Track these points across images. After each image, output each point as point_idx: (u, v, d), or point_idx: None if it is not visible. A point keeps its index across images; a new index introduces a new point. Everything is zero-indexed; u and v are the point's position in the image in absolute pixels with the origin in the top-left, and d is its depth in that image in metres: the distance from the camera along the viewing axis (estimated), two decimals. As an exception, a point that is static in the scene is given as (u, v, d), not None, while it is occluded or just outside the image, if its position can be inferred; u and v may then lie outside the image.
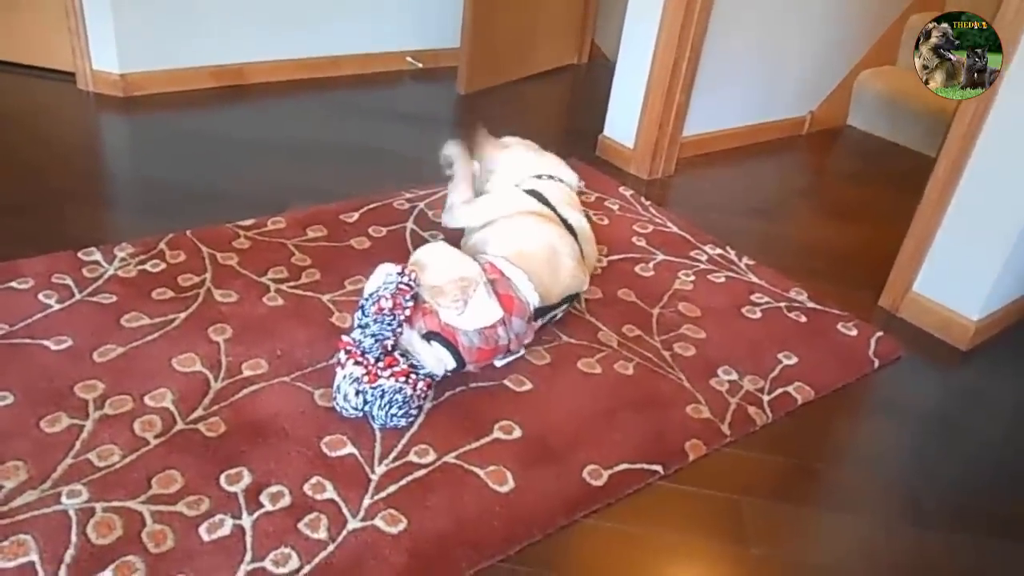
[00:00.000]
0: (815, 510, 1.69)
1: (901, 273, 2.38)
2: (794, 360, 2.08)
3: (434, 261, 1.83)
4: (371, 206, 2.53)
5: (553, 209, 2.13)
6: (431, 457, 1.61)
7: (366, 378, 1.63)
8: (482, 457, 1.64)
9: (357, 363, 1.65)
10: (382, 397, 1.63)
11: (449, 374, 1.78)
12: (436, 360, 1.73)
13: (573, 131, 3.50)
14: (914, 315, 2.35)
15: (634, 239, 2.57)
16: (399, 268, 1.73)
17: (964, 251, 2.23)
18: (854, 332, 2.24)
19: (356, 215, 2.47)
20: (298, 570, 1.35)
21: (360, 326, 1.67)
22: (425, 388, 1.70)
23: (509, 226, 2.04)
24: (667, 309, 2.23)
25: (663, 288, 2.32)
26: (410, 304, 1.69)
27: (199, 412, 1.64)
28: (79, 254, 2.09)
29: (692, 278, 2.39)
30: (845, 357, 2.14)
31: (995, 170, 2.12)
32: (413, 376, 1.67)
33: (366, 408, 1.64)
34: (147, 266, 2.08)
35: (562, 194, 2.21)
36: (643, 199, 2.85)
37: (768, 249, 2.63)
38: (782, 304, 2.32)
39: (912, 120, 3.67)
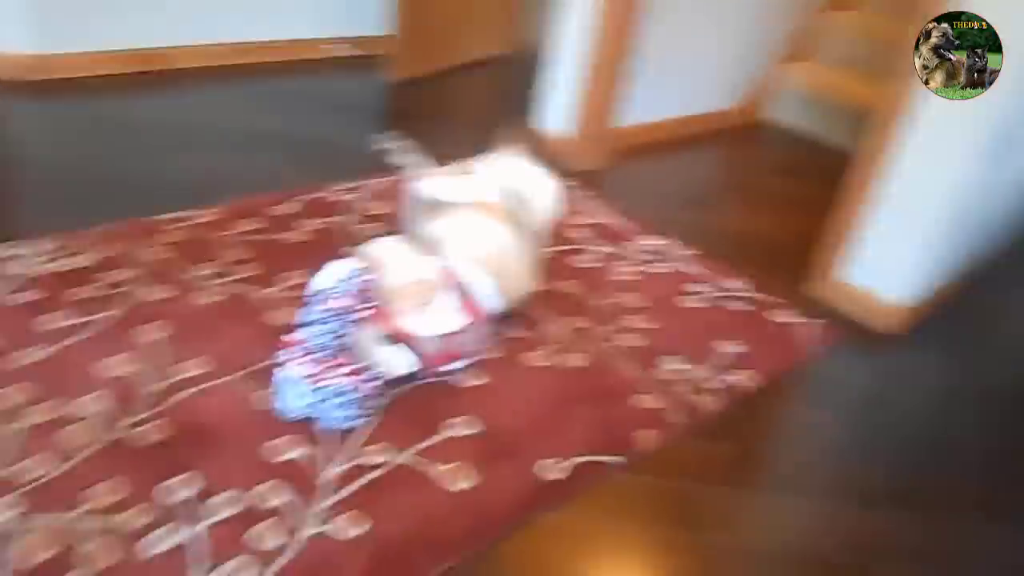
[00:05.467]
0: (765, 495, 1.73)
1: (827, 262, 2.46)
2: (735, 348, 2.12)
3: (391, 259, 1.75)
4: (304, 197, 2.46)
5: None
6: (385, 457, 1.58)
7: (313, 378, 1.58)
8: (438, 455, 1.61)
9: (303, 362, 1.60)
10: (332, 397, 1.58)
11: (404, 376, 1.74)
12: (394, 364, 1.69)
13: (506, 123, 3.46)
14: (843, 302, 2.43)
15: (574, 232, 2.57)
16: (352, 265, 1.66)
17: (888, 238, 2.31)
18: (790, 320, 2.30)
19: (290, 207, 2.39)
20: (253, 579, 1.30)
21: (307, 324, 1.61)
22: (376, 387, 1.66)
23: (465, 226, 1.99)
24: (610, 300, 2.24)
25: (605, 279, 2.33)
26: (363, 304, 1.64)
27: (136, 417, 1.55)
28: (-7, 251, 1.96)
29: (633, 269, 2.41)
30: (783, 344, 2.20)
31: (918, 157, 2.19)
32: (364, 375, 1.62)
33: (313, 409, 1.59)
34: (71, 262, 1.96)
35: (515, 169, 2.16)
36: (580, 191, 2.86)
37: (704, 239, 2.68)
38: (721, 293, 2.37)
39: (834, 115, 3.78)
